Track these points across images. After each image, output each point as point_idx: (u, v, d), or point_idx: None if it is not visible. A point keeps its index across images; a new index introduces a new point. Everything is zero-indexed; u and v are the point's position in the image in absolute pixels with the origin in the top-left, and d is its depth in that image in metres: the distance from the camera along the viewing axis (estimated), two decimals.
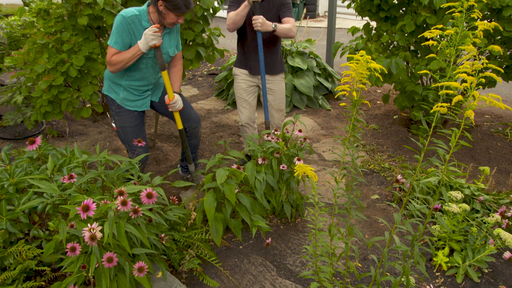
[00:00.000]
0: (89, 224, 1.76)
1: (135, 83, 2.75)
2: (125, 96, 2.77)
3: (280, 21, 3.15)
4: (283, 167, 2.67)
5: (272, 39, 3.21)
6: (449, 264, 2.47)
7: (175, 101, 2.79)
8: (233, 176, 2.56)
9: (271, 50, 3.25)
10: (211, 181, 2.59)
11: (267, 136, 2.85)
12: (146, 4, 2.60)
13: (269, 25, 2.98)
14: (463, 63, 1.54)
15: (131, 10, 2.52)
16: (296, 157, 2.61)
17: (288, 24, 3.10)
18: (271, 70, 3.30)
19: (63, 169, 2.37)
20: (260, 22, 2.96)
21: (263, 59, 3.12)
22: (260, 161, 2.64)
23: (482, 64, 1.51)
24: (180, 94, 2.88)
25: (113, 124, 2.85)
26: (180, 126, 2.93)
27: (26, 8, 3.82)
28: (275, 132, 2.89)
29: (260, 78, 3.25)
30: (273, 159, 2.69)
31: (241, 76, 3.37)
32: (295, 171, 1.65)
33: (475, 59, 1.54)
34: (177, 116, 2.90)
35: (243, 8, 2.98)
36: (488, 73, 1.49)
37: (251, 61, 3.27)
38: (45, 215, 2.38)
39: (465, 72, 1.45)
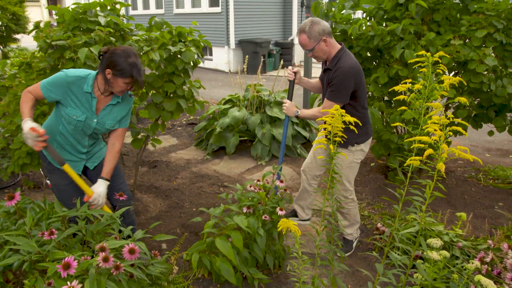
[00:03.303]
0: (68, 282, 1.72)
1: (68, 140, 2.59)
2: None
3: None
4: (265, 217, 2.67)
5: None
6: None
7: (93, 199, 2.47)
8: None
9: None
10: (212, 227, 2.58)
11: (250, 186, 2.87)
12: (96, 71, 2.51)
13: (293, 111, 3.05)
14: (431, 118, 1.63)
15: (78, 71, 2.46)
16: (278, 207, 2.63)
17: (315, 108, 3.03)
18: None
19: (41, 223, 2.32)
20: (286, 106, 3.05)
21: (285, 142, 3.23)
22: (244, 210, 2.64)
23: (449, 119, 1.60)
24: (107, 180, 2.57)
25: (47, 181, 2.63)
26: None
27: (8, 61, 3.86)
28: (257, 182, 2.92)
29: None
30: (256, 209, 2.70)
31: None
32: (276, 222, 1.67)
33: (442, 114, 1.64)
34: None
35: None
36: (455, 127, 1.58)
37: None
38: (19, 272, 2.30)
39: (433, 128, 1.54)
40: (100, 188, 2.50)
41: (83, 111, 2.49)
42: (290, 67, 3.15)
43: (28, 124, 2.32)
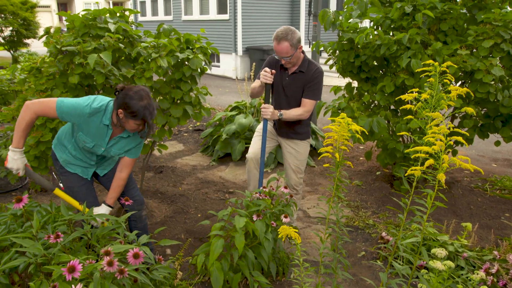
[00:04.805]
0: (73, 285, 1.73)
1: (79, 152, 2.67)
2: (67, 158, 2.67)
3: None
4: (272, 224, 2.67)
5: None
6: None
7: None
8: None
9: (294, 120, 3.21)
10: (219, 229, 2.57)
11: (255, 193, 2.88)
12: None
13: (276, 114, 3.05)
14: (438, 125, 1.63)
15: (100, 102, 2.48)
16: (283, 215, 2.63)
17: (299, 109, 3.11)
18: (294, 136, 3.34)
19: (47, 226, 2.34)
20: (271, 111, 3.01)
21: (265, 150, 3.20)
22: (255, 218, 2.63)
23: (449, 128, 1.61)
24: (109, 206, 2.67)
25: (60, 184, 2.71)
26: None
27: (19, 66, 3.91)
28: (263, 189, 2.92)
29: (280, 137, 3.39)
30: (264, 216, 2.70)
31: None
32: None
33: (447, 124, 1.64)
34: None
35: (259, 87, 3.13)
36: (457, 137, 1.58)
37: (277, 123, 3.36)
38: (25, 274, 2.32)
39: (435, 138, 1.54)
40: (100, 211, 2.60)
41: (93, 139, 2.54)
42: (266, 68, 3.04)
43: (24, 160, 2.46)
